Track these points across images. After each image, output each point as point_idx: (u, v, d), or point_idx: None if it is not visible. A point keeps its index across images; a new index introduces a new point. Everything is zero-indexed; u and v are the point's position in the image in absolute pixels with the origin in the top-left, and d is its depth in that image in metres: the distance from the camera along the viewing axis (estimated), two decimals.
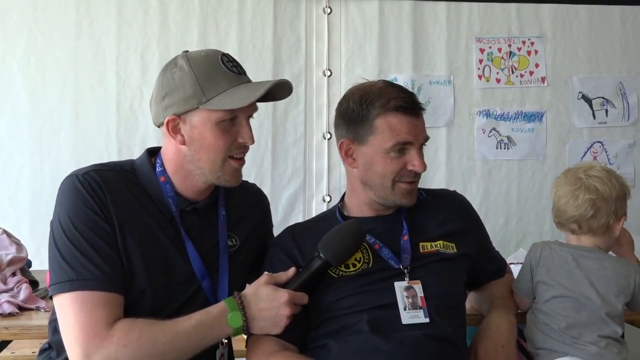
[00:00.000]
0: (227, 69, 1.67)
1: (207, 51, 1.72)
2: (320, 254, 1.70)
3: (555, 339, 1.88)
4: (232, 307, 1.62)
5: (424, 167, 1.79)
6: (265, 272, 1.72)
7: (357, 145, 1.83)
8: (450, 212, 1.93)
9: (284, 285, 1.68)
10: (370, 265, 1.78)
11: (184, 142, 1.67)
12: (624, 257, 2.00)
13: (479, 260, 1.94)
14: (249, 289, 1.67)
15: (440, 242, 1.85)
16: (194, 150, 1.67)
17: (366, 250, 1.80)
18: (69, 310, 1.55)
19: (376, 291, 1.74)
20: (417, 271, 1.78)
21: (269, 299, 1.63)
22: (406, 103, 1.78)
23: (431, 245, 1.83)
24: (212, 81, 1.64)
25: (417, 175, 1.82)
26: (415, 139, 1.79)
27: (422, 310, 1.72)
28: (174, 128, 1.67)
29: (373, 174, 1.81)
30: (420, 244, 1.83)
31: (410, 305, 1.72)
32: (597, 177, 1.90)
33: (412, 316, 1.71)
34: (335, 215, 1.92)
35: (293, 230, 1.90)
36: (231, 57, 1.72)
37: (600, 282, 1.88)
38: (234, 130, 1.68)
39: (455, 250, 1.85)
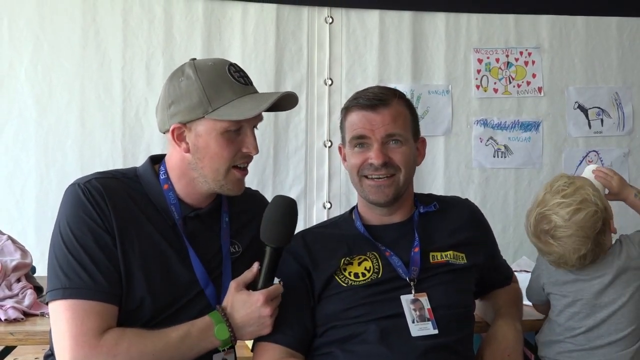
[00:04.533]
0: (234, 79, 1.67)
1: (215, 60, 1.72)
2: (268, 246, 1.68)
3: (570, 349, 1.89)
4: (217, 320, 1.63)
5: (381, 158, 1.79)
6: (233, 280, 1.70)
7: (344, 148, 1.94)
8: (462, 221, 1.92)
9: (254, 283, 1.68)
10: (379, 275, 1.78)
11: (188, 150, 1.68)
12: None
13: (486, 269, 1.94)
14: (226, 301, 1.67)
15: (451, 252, 1.84)
16: (198, 159, 1.68)
17: (376, 259, 1.81)
18: (61, 318, 1.55)
19: (385, 301, 1.75)
20: (425, 282, 1.77)
21: (246, 306, 1.64)
22: (367, 100, 1.82)
23: (441, 256, 1.83)
24: (219, 91, 1.64)
25: (379, 170, 1.81)
26: (372, 133, 1.81)
27: (430, 322, 1.72)
28: (179, 136, 1.68)
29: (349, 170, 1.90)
30: (431, 253, 1.83)
31: (418, 318, 1.72)
32: (564, 230, 1.84)
33: (420, 328, 1.71)
34: (351, 221, 1.92)
35: (303, 236, 1.88)
36: (238, 67, 1.72)
37: (606, 279, 1.88)
38: (238, 140, 1.69)
39: (465, 261, 1.85)
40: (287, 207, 1.73)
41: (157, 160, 1.79)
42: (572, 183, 1.88)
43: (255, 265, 1.70)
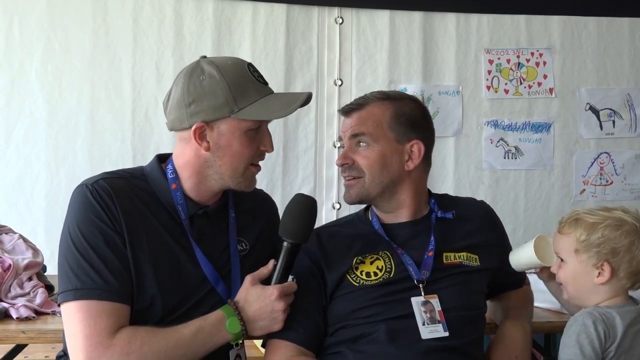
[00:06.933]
0: (255, 78, 1.70)
1: (232, 59, 1.73)
2: (286, 241, 1.70)
3: None
4: (229, 314, 1.64)
5: (340, 159, 1.86)
6: (248, 275, 1.71)
7: None
8: (477, 223, 1.91)
9: (269, 279, 1.69)
10: (391, 275, 1.78)
11: (208, 149, 1.68)
12: None
13: (500, 271, 1.91)
14: (239, 295, 1.68)
15: (464, 253, 1.84)
16: (218, 157, 1.68)
17: (388, 258, 1.80)
18: (74, 319, 1.56)
19: (396, 302, 1.74)
20: (437, 283, 1.77)
21: (260, 299, 1.65)
22: (346, 106, 1.91)
23: (455, 257, 1.83)
24: (243, 91, 1.66)
25: (344, 171, 1.86)
26: (344, 136, 1.88)
27: (441, 324, 1.72)
28: (200, 135, 1.67)
29: None
30: (444, 254, 1.82)
31: (428, 320, 1.72)
32: None
33: (431, 331, 1.70)
34: (365, 220, 1.92)
35: (318, 234, 1.86)
36: (254, 66, 1.74)
37: None
38: (257, 139, 1.71)
39: (478, 263, 1.84)
40: (309, 205, 1.75)
41: (163, 159, 1.79)
42: None
43: (272, 262, 1.71)
